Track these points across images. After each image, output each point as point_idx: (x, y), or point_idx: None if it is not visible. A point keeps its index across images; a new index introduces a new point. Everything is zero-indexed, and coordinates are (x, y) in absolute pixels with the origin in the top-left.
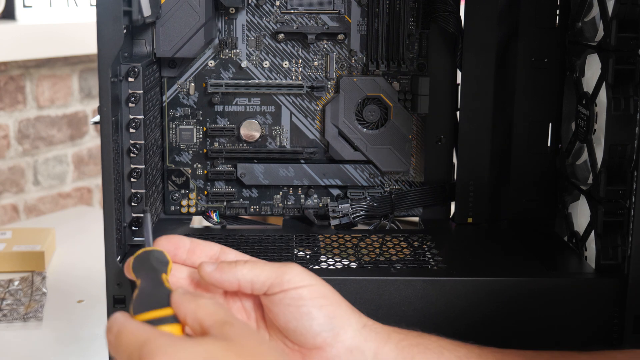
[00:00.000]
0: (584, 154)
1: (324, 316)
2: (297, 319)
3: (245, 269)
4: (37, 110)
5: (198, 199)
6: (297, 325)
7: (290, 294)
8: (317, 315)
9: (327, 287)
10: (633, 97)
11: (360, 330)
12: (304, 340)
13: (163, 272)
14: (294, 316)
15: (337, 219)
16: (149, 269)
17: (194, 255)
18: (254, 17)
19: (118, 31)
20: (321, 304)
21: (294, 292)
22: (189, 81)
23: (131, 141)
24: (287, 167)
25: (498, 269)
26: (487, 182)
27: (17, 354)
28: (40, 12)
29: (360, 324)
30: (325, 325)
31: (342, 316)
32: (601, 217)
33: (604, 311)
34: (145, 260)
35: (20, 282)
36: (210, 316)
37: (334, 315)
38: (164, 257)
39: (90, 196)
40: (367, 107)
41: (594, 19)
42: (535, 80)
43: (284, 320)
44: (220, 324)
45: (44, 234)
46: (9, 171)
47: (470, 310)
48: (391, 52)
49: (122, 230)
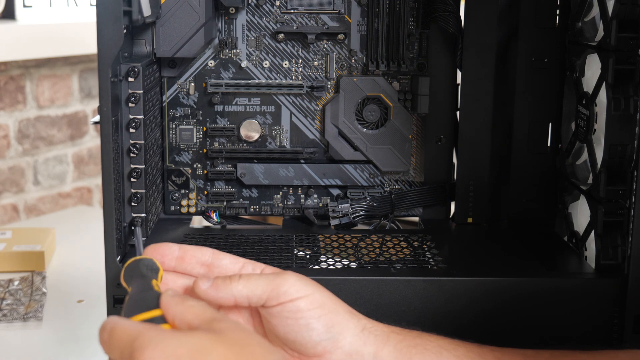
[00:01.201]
0: (584, 154)
1: (323, 326)
2: (295, 330)
3: (240, 284)
4: (37, 110)
5: (198, 199)
6: (297, 337)
7: (288, 306)
8: (315, 326)
9: (324, 293)
10: (633, 97)
11: (359, 334)
12: (303, 349)
13: (153, 278)
14: (293, 328)
15: (337, 219)
16: (139, 276)
17: (183, 262)
18: (254, 17)
19: (118, 31)
20: (319, 314)
21: (292, 305)
22: (189, 81)
23: (131, 141)
24: (287, 167)
25: (498, 269)
26: (487, 182)
27: (17, 354)
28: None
29: (359, 327)
30: (324, 335)
31: (340, 323)
32: (601, 217)
33: (604, 311)
34: (135, 269)
35: (20, 282)
36: (198, 317)
37: (332, 323)
38: (154, 265)
39: (90, 196)
40: (367, 107)
41: (594, 19)
42: (535, 80)
43: (283, 331)
44: (208, 322)
45: (44, 234)
46: (9, 171)
47: (470, 310)
48: (391, 52)
49: (122, 230)
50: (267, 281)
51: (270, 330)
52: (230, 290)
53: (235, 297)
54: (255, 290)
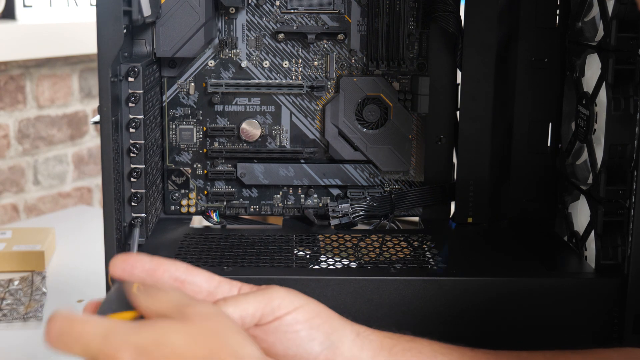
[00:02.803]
0: (584, 154)
1: (323, 334)
2: (297, 344)
3: (230, 306)
4: (37, 110)
5: (198, 199)
6: (298, 350)
7: (286, 320)
8: (316, 336)
9: (316, 303)
10: (633, 97)
11: (355, 339)
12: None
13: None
14: (294, 342)
15: (337, 218)
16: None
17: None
18: (254, 17)
19: (118, 31)
20: (318, 323)
21: (289, 318)
22: (189, 81)
23: (131, 141)
24: (287, 167)
25: (498, 269)
26: (487, 182)
27: (17, 354)
28: (40, 12)
29: (354, 333)
30: (325, 343)
31: (337, 330)
32: (601, 217)
33: (604, 311)
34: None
35: (20, 282)
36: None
37: (331, 330)
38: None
39: (90, 196)
40: (367, 107)
41: (594, 19)
42: (535, 80)
43: (283, 347)
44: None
45: (44, 233)
46: (9, 171)
47: (469, 310)
48: (391, 52)
49: (122, 230)
50: (257, 298)
51: (267, 351)
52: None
53: None
54: (247, 308)
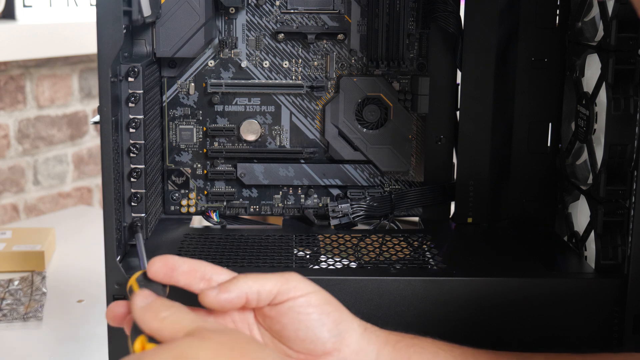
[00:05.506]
0: (584, 154)
1: (332, 322)
2: (307, 327)
3: (250, 280)
4: (37, 110)
5: (198, 199)
6: (308, 334)
7: (299, 301)
8: (326, 321)
9: (327, 293)
10: (633, 97)
11: (363, 333)
12: (312, 347)
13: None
14: (305, 324)
15: (337, 218)
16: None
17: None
18: (254, 17)
19: (118, 31)
20: (328, 310)
21: (303, 300)
22: (189, 81)
23: (131, 141)
24: (287, 167)
25: (498, 269)
26: (487, 182)
27: (17, 354)
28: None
29: (362, 327)
30: (334, 331)
31: (346, 320)
32: (601, 217)
33: (604, 311)
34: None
35: (20, 282)
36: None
37: (339, 320)
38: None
39: (90, 196)
40: (367, 107)
41: (594, 19)
42: (535, 80)
43: (293, 329)
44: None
45: (44, 233)
46: (9, 171)
47: (470, 310)
48: (391, 52)
49: (122, 230)
50: (275, 277)
51: (279, 333)
52: (241, 287)
53: (246, 293)
54: (265, 284)
